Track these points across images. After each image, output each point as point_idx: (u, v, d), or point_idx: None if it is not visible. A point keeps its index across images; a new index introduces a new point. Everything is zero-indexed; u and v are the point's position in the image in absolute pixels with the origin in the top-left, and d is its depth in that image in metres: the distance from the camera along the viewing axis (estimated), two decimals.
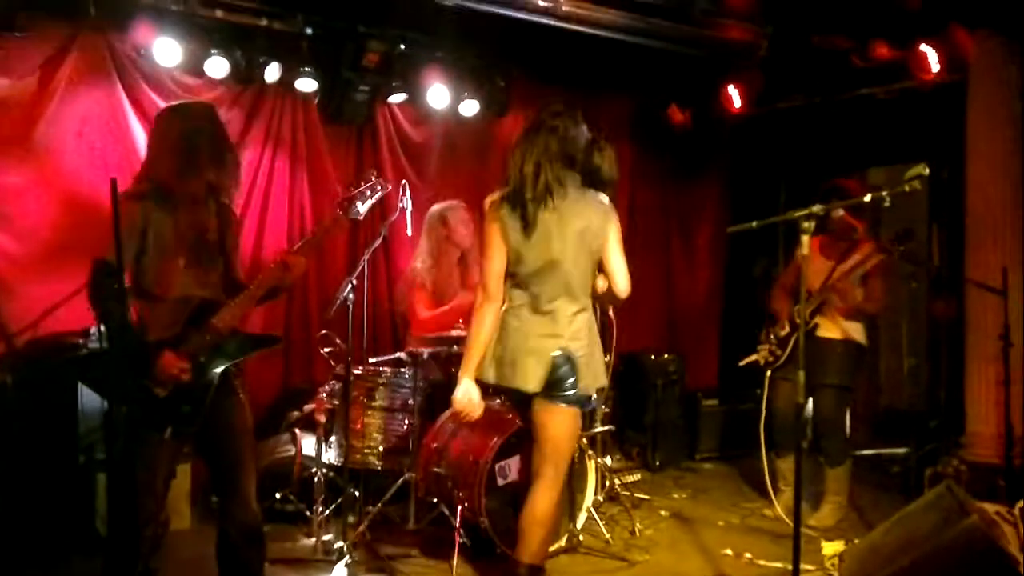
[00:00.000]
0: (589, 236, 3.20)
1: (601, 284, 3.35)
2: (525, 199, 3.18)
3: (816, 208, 3.17)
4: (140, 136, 4.88)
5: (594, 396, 3.31)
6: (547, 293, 3.22)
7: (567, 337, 3.19)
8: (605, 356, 3.46)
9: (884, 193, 3.16)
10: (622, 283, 3.30)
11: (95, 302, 2.98)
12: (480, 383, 3.30)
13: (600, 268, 3.31)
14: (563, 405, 3.21)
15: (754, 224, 3.34)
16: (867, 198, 3.28)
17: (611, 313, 4.52)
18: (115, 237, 2.74)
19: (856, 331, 4.80)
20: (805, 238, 3.17)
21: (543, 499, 3.21)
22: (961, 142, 5.36)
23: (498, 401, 4.61)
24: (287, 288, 3.43)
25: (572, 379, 3.18)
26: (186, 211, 3.11)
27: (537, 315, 3.22)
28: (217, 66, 5.03)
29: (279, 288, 3.29)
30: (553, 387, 3.18)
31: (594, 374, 3.26)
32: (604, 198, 3.28)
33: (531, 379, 3.17)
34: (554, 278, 3.20)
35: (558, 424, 3.23)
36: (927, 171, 3.12)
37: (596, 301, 3.43)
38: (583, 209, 3.21)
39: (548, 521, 3.24)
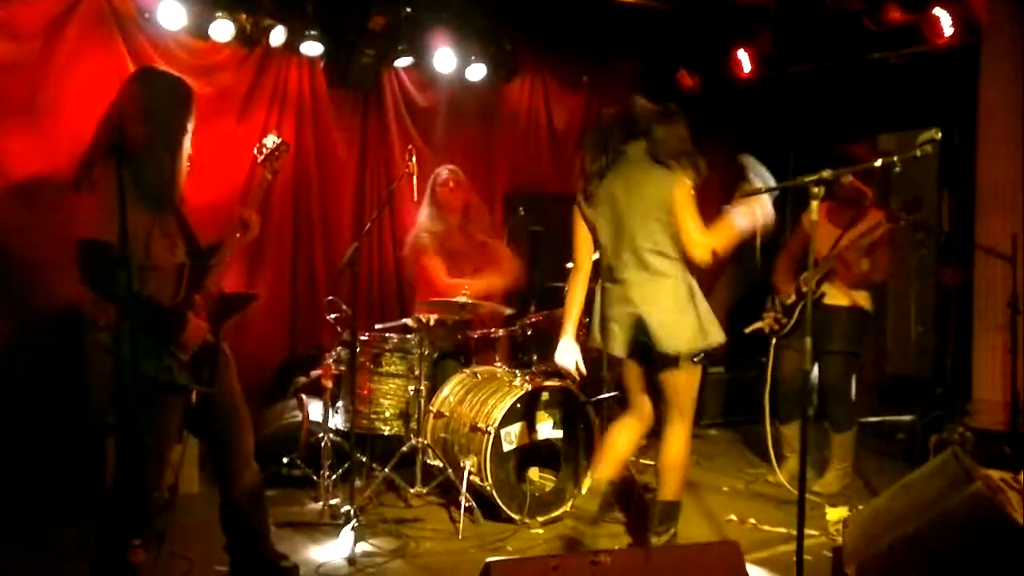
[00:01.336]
0: (655, 204, 3.42)
1: None
2: (589, 172, 3.57)
3: (826, 173, 3.10)
4: None
5: (696, 352, 3.48)
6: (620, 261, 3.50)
7: (638, 302, 3.43)
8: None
9: (895, 158, 3.11)
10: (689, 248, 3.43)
11: (94, 280, 2.96)
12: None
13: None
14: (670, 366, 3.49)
15: (763, 189, 3.31)
16: (878, 163, 3.22)
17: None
18: (120, 206, 2.74)
19: (862, 298, 4.77)
20: (814, 204, 3.12)
21: (672, 444, 3.61)
22: (973, 107, 5.30)
23: (503, 368, 4.63)
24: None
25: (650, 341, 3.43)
26: (153, 178, 3.06)
27: (614, 284, 3.53)
28: (222, 29, 5.00)
29: (240, 244, 3.34)
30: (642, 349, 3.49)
31: (671, 336, 3.40)
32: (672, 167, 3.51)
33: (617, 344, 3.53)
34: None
35: (668, 381, 3.54)
36: (939, 135, 3.07)
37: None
38: (644, 178, 3.47)
39: (680, 463, 3.63)
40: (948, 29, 5.28)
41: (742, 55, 6.36)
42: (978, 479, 3.19)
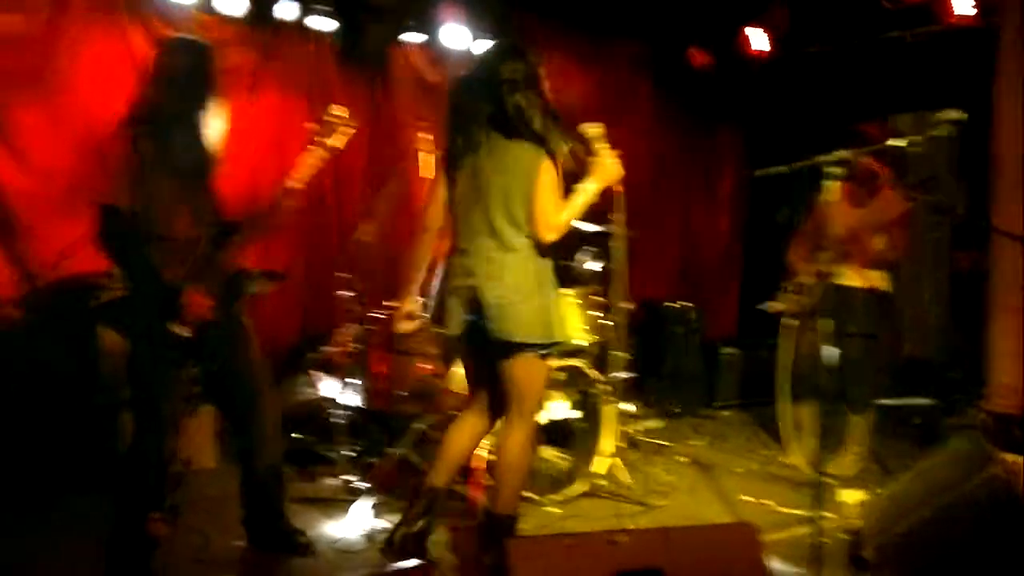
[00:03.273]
0: (519, 177, 3.09)
1: None
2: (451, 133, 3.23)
3: (844, 153, 3.08)
4: None
5: (536, 344, 3.13)
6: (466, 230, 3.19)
7: (479, 275, 3.12)
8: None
9: (915, 138, 3.09)
10: (540, 229, 3.10)
11: (110, 245, 2.95)
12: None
13: None
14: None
15: (781, 168, 3.27)
16: (898, 143, 3.19)
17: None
18: (133, 176, 2.73)
19: (880, 279, 4.74)
20: (832, 184, 3.10)
21: (509, 446, 3.22)
22: (990, 87, 5.25)
23: None
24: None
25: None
26: (181, 150, 3.05)
27: (460, 255, 3.21)
28: (232, 3, 4.95)
29: (278, 220, 3.29)
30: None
31: (505, 318, 3.08)
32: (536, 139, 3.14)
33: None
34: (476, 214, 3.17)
35: (505, 371, 3.19)
36: (960, 115, 3.04)
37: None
38: (510, 147, 3.11)
39: (518, 468, 3.24)
40: (965, 8, 5.22)
41: (756, 34, 6.29)
42: (996, 463, 3.18)
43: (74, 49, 4.65)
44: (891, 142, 3.22)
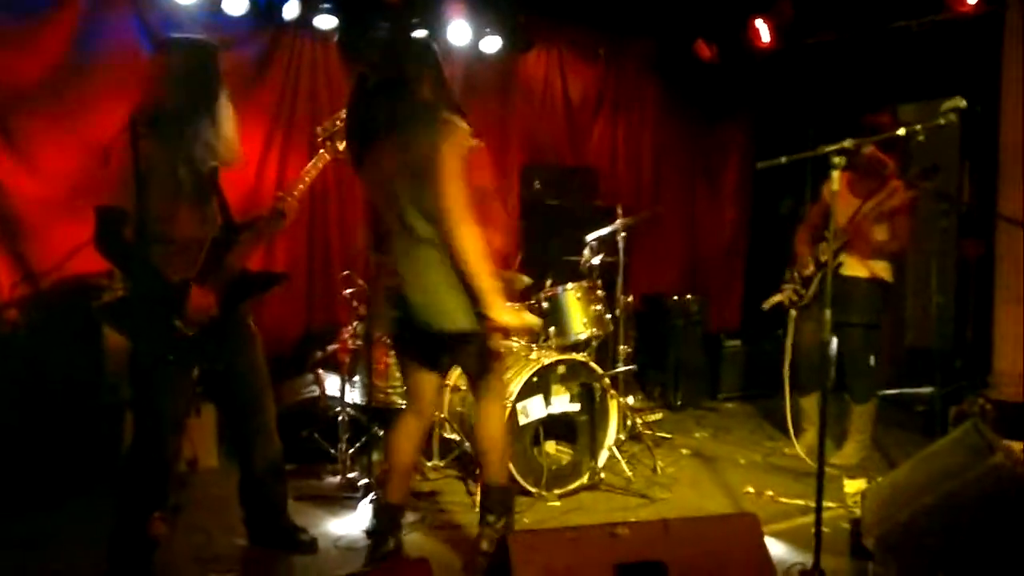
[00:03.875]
0: (422, 162, 2.95)
1: None
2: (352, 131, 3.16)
3: (847, 143, 3.07)
4: None
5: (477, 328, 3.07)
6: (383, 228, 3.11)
7: (402, 275, 3.05)
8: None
9: (918, 127, 3.07)
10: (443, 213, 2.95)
11: (109, 248, 2.96)
12: None
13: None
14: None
15: (783, 159, 3.26)
16: (901, 132, 3.17)
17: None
18: (136, 178, 2.75)
19: (882, 269, 4.72)
20: (835, 173, 3.09)
21: (486, 423, 3.29)
22: (996, 76, 5.21)
23: (519, 342, 4.61)
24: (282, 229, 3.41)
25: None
26: (185, 149, 3.05)
27: (381, 255, 3.15)
28: (236, 3, 4.96)
29: (276, 230, 3.34)
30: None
31: (439, 313, 3.01)
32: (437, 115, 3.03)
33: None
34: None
35: (460, 360, 3.30)
36: (964, 103, 3.03)
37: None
38: (412, 132, 3.01)
39: (499, 443, 3.31)
40: None
41: (761, 25, 6.27)
42: (999, 451, 3.17)
43: (78, 52, 4.67)
44: (896, 132, 3.20)
